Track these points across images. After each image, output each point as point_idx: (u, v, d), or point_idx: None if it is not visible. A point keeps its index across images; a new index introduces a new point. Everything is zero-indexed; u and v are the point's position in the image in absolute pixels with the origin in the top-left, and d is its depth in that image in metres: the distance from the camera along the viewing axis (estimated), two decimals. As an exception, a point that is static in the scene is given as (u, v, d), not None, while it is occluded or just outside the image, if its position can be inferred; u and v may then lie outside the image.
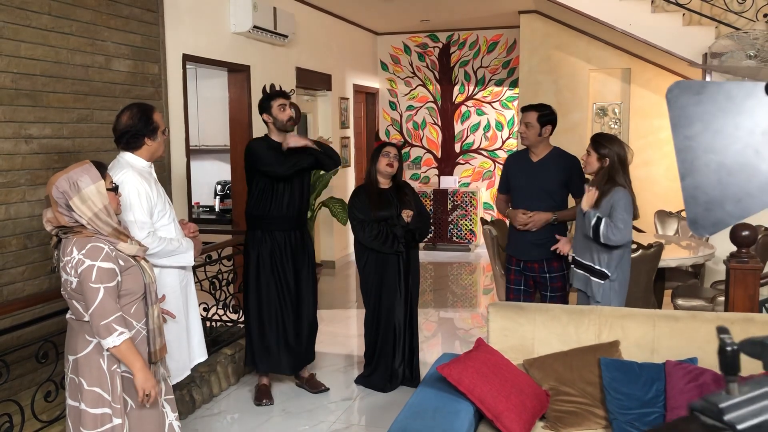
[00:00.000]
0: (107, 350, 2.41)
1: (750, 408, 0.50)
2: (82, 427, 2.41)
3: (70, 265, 2.37)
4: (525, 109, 4.08)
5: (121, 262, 2.42)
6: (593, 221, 3.46)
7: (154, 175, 3.08)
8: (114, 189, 2.51)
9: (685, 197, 0.93)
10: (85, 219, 2.38)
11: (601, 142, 3.57)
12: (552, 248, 3.87)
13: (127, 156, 2.96)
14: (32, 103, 3.68)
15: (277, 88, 4.29)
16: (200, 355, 3.32)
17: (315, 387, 4.42)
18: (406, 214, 4.26)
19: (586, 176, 3.78)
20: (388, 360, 4.37)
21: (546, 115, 3.99)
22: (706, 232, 0.90)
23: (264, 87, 4.32)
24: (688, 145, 0.93)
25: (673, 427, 0.49)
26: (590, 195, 3.55)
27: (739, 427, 0.48)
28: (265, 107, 4.21)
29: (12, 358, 3.14)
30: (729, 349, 0.51)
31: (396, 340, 4.36)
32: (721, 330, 0.53)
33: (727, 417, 0.49)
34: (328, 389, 4.42)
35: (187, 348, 3.17)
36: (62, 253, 2.41)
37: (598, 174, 3.58)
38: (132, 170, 2.91)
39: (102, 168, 2.49)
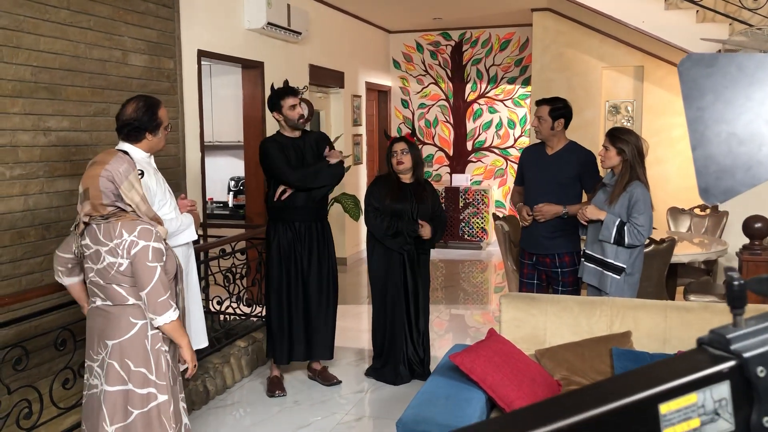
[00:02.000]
0: (158, 328, 2.48)
1: (756, 339, 0.52)
2: (130, 407, 2.48)
3: (121, 247, 2.43)
4: (538, 103, 4.10)
5: (164, 244, 2.51)
6: (614, 230, 3.43)
7: (153, 164, 3.10)
8: (141, 174, 2.61)
9: (697, 167, 0.95)
10: (134, 204, 2.47)
11: (618, 135, 3.56)
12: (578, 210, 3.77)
13: (125, 146, 2.97)
14: (51, 96, 3.74)
15: (288, 85, 4.34)
16: (200, 341, 3.33)
17: (328, 380, 4.45)
18: (425, 231, 4.28)
19: (604, 171, 3.75)
20: (398, 354, 4.40)
21: (558, 109, 4.00)
22: (716, 199, 0.92)
23: (272, 85, 4.37)
24: (700, 116, 0.95)
25: (682, 358, 0.51)
26: (593, 210, 3.54)
27: (746, 355, 0.51)
28: (275, 105, 4.24)
29: (31, 346, 3.19)
30: (736, 283, 0.53)
31: (406, 335, 4.39)
32: (729, 269, 0.55)
33: (734, 347, 0.51)
34: (340, 382, 4.46)
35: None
36: (104, 237, 2.45)
37: (620, 169, 3.55)
38: None
39: (128, 156, 2.58)
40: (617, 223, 3.44)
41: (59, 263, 2.70)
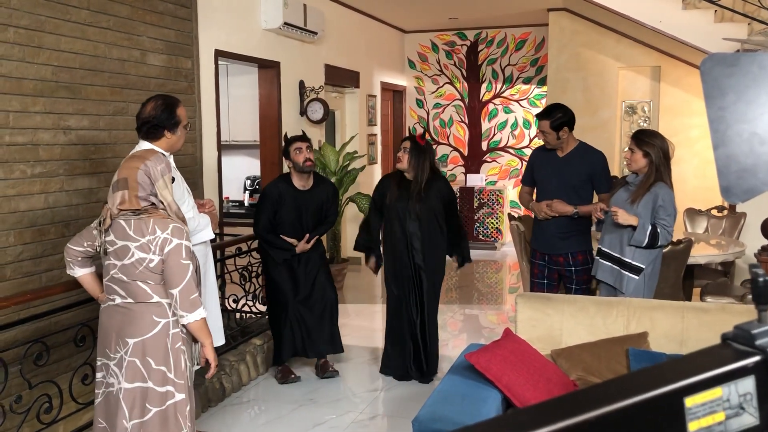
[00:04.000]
0: (185, 326, 2.52)
1: (781, 335, 0.53)
2: (148, 404, 2.51)
3: (154, 243, 2.45)
4: (538, 117, 4.08)
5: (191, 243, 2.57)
6: (648, 234, 3.42)
7: (173, 163, 3.14)
8: (173, 180, 2.70)
9: (718, 166, 0.95)
10: (166, 203, 2.52)
11: (643, 139, 3.53)
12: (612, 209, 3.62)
13: (144, 145, 3.00)
14: (71, 96, 3.78)
15: (300, 133, 4.53)
16: (218, 339, 3.36)
17: (323, 371, 4.52)
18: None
19: (631, 173, 3.70)
20: (404, 350, 4.44)
21: (558, 120, 3.95)
22: (738, 199, 0.92)
23: (285, 134, 4.58)
24: (721, 115, 0.95)
25: (707, 353, 0.52)
26: (624, 215, 3.49)
27: None
28: (285, 153, 4.40)
29: (51, 342, 3.24)
30: (761, 280, 0.54)
31: (411, 332, 4.42)
32: (754, 266, 0.56)
33: (759, 342, 0.52)
34: (336, 372, 4.54)
35: None
36: (135, 233, 2.48)
37: (646, 171, 3.52)
38: None
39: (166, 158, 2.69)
40: (650, 230, 3.42)
41: (70, 255, 2.70)
